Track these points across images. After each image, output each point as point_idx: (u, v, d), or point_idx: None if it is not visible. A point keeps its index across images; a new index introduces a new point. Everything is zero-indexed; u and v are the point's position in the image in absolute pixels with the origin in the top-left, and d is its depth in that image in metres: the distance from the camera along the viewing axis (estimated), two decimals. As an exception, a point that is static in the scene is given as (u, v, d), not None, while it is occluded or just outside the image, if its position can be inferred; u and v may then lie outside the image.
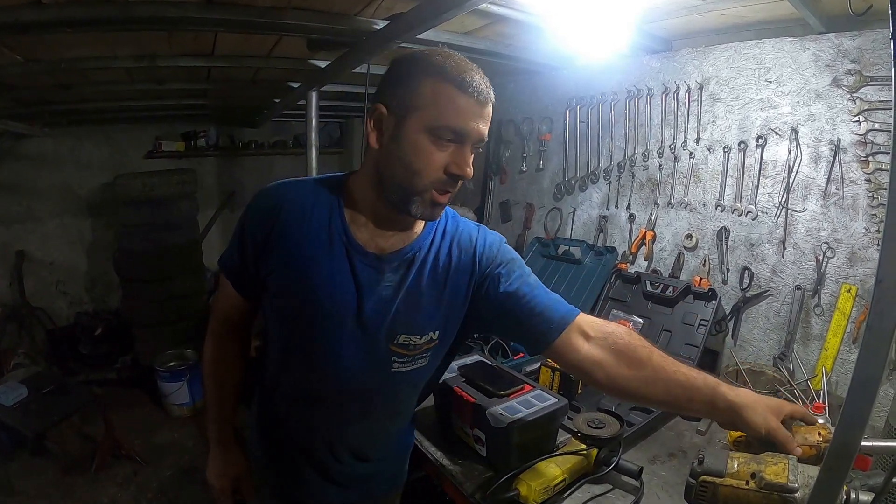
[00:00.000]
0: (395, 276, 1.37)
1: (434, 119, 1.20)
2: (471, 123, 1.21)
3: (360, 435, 1.54)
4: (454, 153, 1.23)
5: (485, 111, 1.23)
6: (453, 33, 2.54)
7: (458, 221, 1.50)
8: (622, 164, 2.95)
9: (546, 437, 1.81)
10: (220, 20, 2.14)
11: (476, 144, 1.26)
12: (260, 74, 3.58)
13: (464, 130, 1.21)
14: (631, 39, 2.57)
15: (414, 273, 1.38)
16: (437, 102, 1.19)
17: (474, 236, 1.47)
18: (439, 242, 1.43)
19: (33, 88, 3.45)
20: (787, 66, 2.27)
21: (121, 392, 5.16)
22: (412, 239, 1.41)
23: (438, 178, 1.24)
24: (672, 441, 2.03)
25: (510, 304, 1.41)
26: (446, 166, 1.23)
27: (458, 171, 1.23)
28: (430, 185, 1.25)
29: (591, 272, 2.95)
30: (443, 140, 1.21)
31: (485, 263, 1.44)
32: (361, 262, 1.35)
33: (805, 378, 2.09)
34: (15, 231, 5.49)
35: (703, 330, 2.37)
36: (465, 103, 1.19)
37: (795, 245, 2.28)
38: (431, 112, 1.20)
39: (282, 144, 6.73)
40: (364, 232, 1.37)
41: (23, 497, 3.75)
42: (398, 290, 1.37)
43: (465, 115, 1.20)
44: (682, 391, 1.32)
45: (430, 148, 1.22)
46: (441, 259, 1.42)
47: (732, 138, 2.47)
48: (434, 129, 1.20)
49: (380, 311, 1.36)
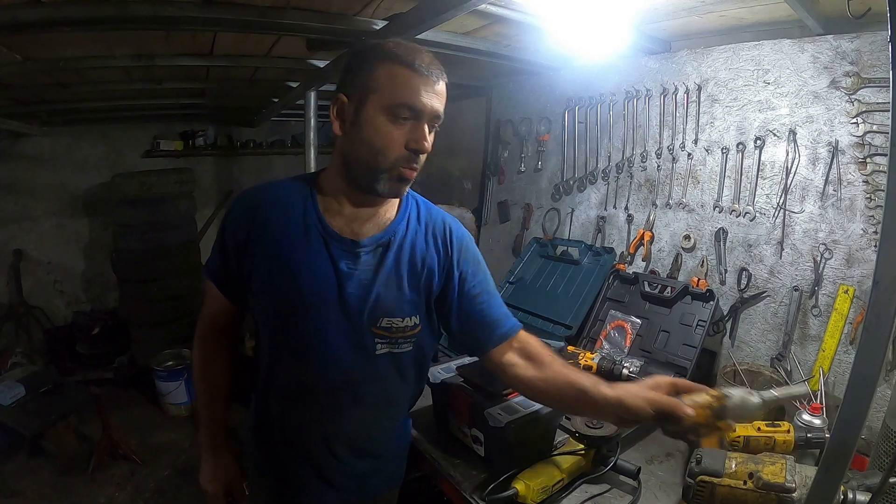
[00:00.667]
0: (372, 259, 1.45)
1: (390, 99, 1.29)
2: (424, 100, 1.29)
3: (355, 427, 1.56)
4: (412, 129, 1.31)
5: (437, 88, 1.32)
6: (452, 33, 2.54)
7: (430, 208, 1.59)
8: (620, 165, 2.96)
9: (544, 437, 1.82)
10: (219, 20, 2.13)
11: (433, 122, 1.35)
12: (258, 74, 3.58)
13: (418, 106, 1.29)
14: (629, 40, 2.57)
15: (391, 256, 1.46)
16: (392, 83, 1.29)
17: (448, 224, 1.57)
18: (415, 227, 1.51)
19: (31, 87, 3.45)
20: (785, 67, 2.28)
21: (118, 392, 5.16)
22: (387, 224, 1.48)
23: (400, 155, 1.32)
24: (669, 441, 2.02)
25: (467, 305, 1.52)
26: (406, 143, 1.32)
27: (416, 145, 1.32)
28: (394, 162, 1.33)
29: (590, 273, 2.95)
30: (400, 118, 1.30)
31: (455, 254, 1.53)
32: (338, 249, 1.42)
33: (802, 379, 2.09)
34: (11, 230, 5.49)
35: (701, 330, 2.36)
36: (417, 81, 1.29)
37: (793, 246, 2.29)
38: (387, 93, 1.29)
39: (280, 144, 6.74)
40: (339, 220, 1.45)
41: (19, 497, 3.74)
42: (377, 273, 1.44)
43: (418, 93, 1.29)
44: (574, 391, 1.37)
45: (388, 127, 1.30)
46: (418, 243, 1.50)
47: (731, 139, 2.47)
48: (390, 107, 1.29)
49: (360, 294, 1.42)
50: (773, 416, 2.01)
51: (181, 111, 5.37)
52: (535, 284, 3.17)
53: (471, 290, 1.51)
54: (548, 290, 3.08)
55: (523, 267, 3.31)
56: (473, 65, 3.26)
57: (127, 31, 2.37)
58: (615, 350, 2.57)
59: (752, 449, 1.67)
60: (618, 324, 2.64)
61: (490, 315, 1.52)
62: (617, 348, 2.58)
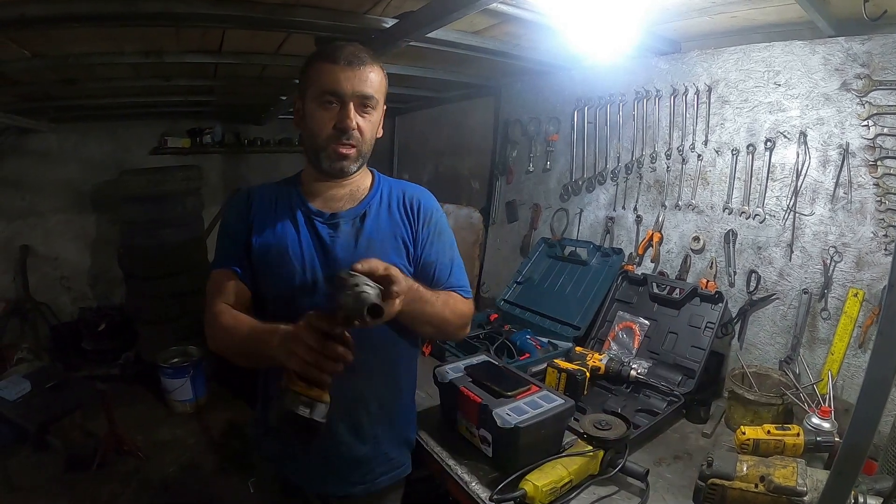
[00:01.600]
0: (352, 228, 1.65)
1: (316, 88, 1.53)
2: (343, 84, 1.50)
3: (351, 399, 1.62)
4: (339, 113, 1.53)
5: (357, 72, 1.51)
6: (462, 32, 2.53)
7: (403, 185, 1.81)
8: (630, 166, 2.96)
9: (552, 439, 1.82)
10: (229, 16, 2.15)
11: (362, 102, 1.54)
12: (267, 71, 3.58)
13: (337, 90, 1.51)
14: (639, 40, 2.57)
15: (370, 224, 1.66)
16: (318, 76, 1.53)
17: (417, 195, 1.77)
18: (387, 201, 1.72)
19: (39, 83, 3.47)
20: (796, 69, 2.28)
21: (123, 388, 5.17)
22: (361, 199, 1.71)
23: (329, 134, 1.55)
24: (677, 443, 2.04)
25: (421, 267, 1.71)
26: (334, 124, 1.53)
27: (339, 124, 1.53)
28: (326, 141, 1.56)
29: (598, 273, 2.95)
30: (326, 103, 1.53)
31: (421, 222, 1.72)
32: (320, 222, 1.64)
33: (811, 382, 2.08)
34: (18, 226, 5.53)
35: (710, 333, 2.36)
36: (336, 70, 1.50)
37: (803, 249, 2.29)
38: (314, 85, 1.54)
39: (287, 142, 6.75)
40: (319, 201, 1.68)
41: (23, 492, 3.77)
42: (357, 238, 1.63)
43: (337, 79, 1.50)
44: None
45: (319, 112, 1.54)
46: (392, 213, 1.71)
47: (741, 141, 2.47)
48: (317, 96, 1.53)
49: (346, 258, 1.57)
50: (781, 419, 2.02)
51: (189, 108, 5.40)
52: (544, 285, 3.17)
53: (427, 255, 1.71)
54: (556, 291, 3.08)
55: (531, 267, 3.31)
56: (482, 64, 3.27)
57: (136, 28, 2.37)
58: (623, 351, 2.58)
59: (763, 452, 1.67)
60: (626, 325, 2.64)
61: (435, 280, 1.70)
62: (625, 349, 2.58)
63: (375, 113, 1.60)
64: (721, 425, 2.17)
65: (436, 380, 2.06)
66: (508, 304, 3.24)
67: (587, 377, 2.22)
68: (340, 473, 1.68)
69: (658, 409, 2.20)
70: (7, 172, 5.38)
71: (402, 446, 1.83)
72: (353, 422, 1.65)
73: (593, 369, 2.30)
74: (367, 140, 1.61)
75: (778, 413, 2.03)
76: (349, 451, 1.66)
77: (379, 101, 1.59)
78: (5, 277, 5.54)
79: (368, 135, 1.60)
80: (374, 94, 1.55)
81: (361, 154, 1.61)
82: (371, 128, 1.60)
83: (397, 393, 1.78)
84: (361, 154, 1.61)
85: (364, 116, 1.56)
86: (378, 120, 1.63)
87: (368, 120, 1.58)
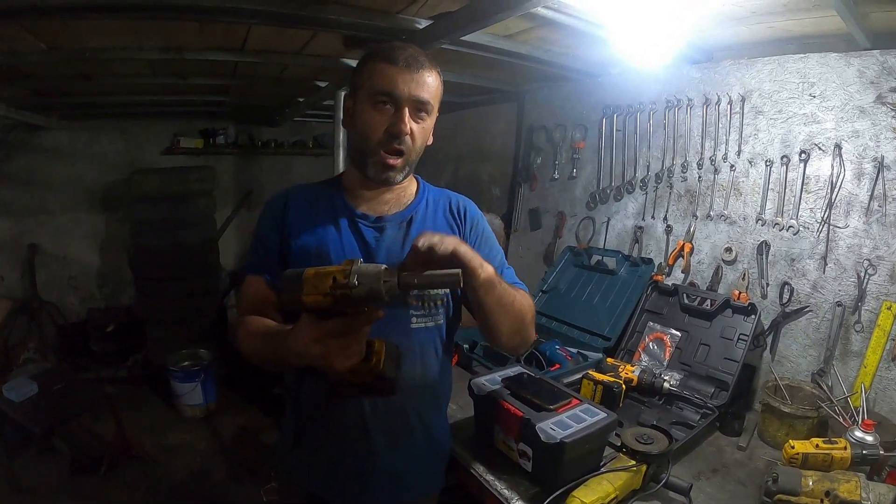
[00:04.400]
0: (398, 233, 1.63)
1: (371, 89, 1.49)
2: (400, 87, 1.46)
3: (392, 411, 1.62)
4: (393, 116, 1.49)
5: (415, 76, 1.48)
6: (494, 35, 2.55)
7: (447, 192, 1.80)
8: (660, 175, 2.99)
9: (595, 453, 1.82)
10: (257, 11, 2.15)
11: (416, 107, 1.51)
12: (287, 72, 3.60)
13: (394, 92, 1.47)
14: (673, 49, 2.60)
15: (416, 229, 1.63)
16: (373, 76, 1.49)
17: (463, 203, 1.77)
18: (434, 206, 1.72)
19: (52, 78, 3.47)
20: (831, 81, 2.32)
21: (131, 391, 5.21)
22: (408, 204, 1.69)
23: (380, 139, 1.51)
24: (713, 456, 2.06)
25: None
26: (386, 128, 1.50)
27: (393, 129, 1.49)
28: (376, 146, 1.52)
29: (627, 283, 2.96)
30: (380, 105, 1.49)
31: (468, 229, 1.72)
32: (364, 225, 1.62)
33: (844, 395, 2.12)
34: (27, 224, 5.55)
35: (743, 345, 2.39)
36: (393, 71, 1.46)
37: (836, 261, 2.32)
38: (369, 85, 1.50)
39: (301, 144, 6.81)
40: (363, 204, 1.65)
41: (29, 495, 3.79)
42: (403, 244, 1.60)
43: (394, 80, 1.46)
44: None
45: (371, 114, 1.50)
46: (438, 219, 1.69)
47: (775, 152, 2.50)
48: (372, 96, 1.49)
49: (390, 262, 1.47)
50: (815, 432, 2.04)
51: (203, 108, 5.42)
52: (570, 294, 3.18)
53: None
54: (583, 301, 3.09)
55: (557, 276, 3.32)
56: (507, 68, 3.28)
57: (158, 21, 2.36)
58: (654, 363, 2.60)
59: (811, 466, 1.70)
60: (656, 336, 2.67)
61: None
62: (656, 361, 2.61)
63: (429, 119, 1.57)
64: (755, 438, 2.19)
65: (471, 392, 2.03)
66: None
67: (623, 389, 2.24)
68: (372, 488, 1.66)
69: (692, 421, 2.22)
70: (16, 169, 5.41)
71: (438, 460, 1.83)
72: (391, 433, 1.63)
73: (626, 381, 2.32)
74: (418, 148, 1.57)
75: (812, 426, 2.06)
76: (384, 464, 1.64)
77: (433, 108, 1.56)
78: (13, 276, 5.56)
79: (419, 142, 1.57)
80: (430, 99, 1.52)
81: (409, 163, 1.58)
82: (423, 134, 1.57)
83: (436, 404, 1.78)
84: (409, 163, 1.58)
85: (418, 122, 1.53)
86: (430, 127, 1.60)
87: (421, 126, 1.55)
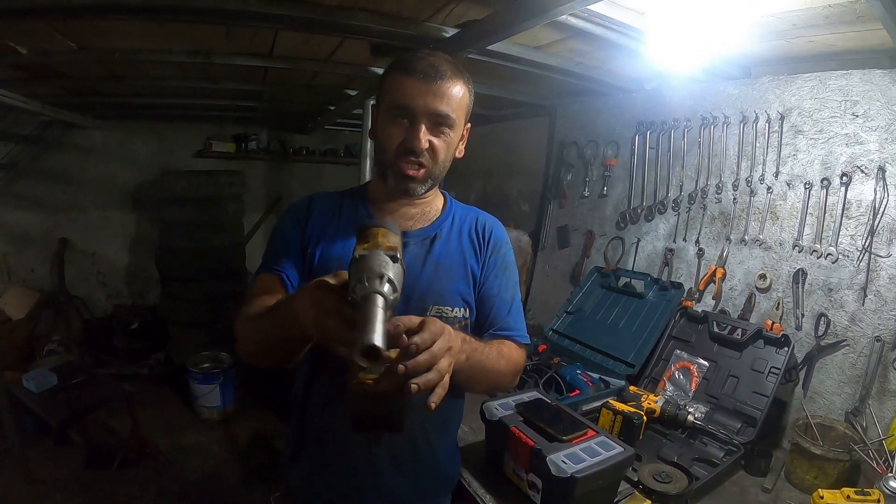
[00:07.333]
0: (421, 250, 1.60)
1: (389, 102, 1.49)
2: (416, 100, 1.44)
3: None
4: (408, 130, 1.47)
5: (433, 87, 1.45)
6: (524, 46, 2.54)
7: (476, 210, 1.77)
8: (693, 195, 2.92)
9: (608, 489, 1.77)
10: (283, 16, 2.17)
11: (434, 120, 1.48)
12: (317, 79, 3.66)
13: (409, 106, 1.45)
14: (709, 64, 2.55)
15: (439, 247, 1.62)
16: (391, 88, 1.49)
17: (489, 224, 1.74)
18: (459, 224, 1.69)
19: (85, 78, 3.60)
20: (875, 99, 2.24)
21: (151, 389, 5.36)
22: (433, 220, 1.67)
23: (396, 152, 1.49)
24: (736, 497, 2.00)
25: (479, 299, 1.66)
26: (401, 142, 1.48)
27: (406, 144, 1.47)
28: (393, 158, 1.51)
29: (654, 308, 2.90)
30: (397, 118, 1.48)
31: (490, 252, 1.69)
32: None
33: (879, 437, 2.01)
34: (59, 219, 5.81)
35: (774, 378, 2.31)
36: (409, 82, 1.45)
37: (877, 293, 2.23)
38: (387, 97, 1.50)
39: (332, 153, 6.94)
40: (387, 217, 1.61)
41: (41, 486, 3.89)
42: (425, 262, 1.59)
43: (409, 93, 1.45)
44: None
45: (389, 127, 1.50)
46: (463, 238, 1.67)
47: (814, 174, 2.42)
48: (389, 109, 1.49)
49: (409, 282, 1.37)
50: (846, 476, 1.94)
51: (235, 113, 5.61)
52: (596, 316, 3.14)
53: (489, 287, 1.66)
54: (609, 324, 3.04)
55: (583, 297, 3.29)
56: (539, 81, 3.28)
57: (185, 24, 2.40)
58: (679, 393, 2.53)
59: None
60: (683, 365, 2.60)
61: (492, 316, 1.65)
62: (681, 391, 2.54)
63: (452, 133, 1.52)
64: (781, 479, 2.11)
65: (483, 416, 2.00)
66: (557, 335, 3.21)
67: (644, 421, 2.16)
68: None
69: (716, 458, 2.15)
70: (51, 165, 5.66)
71: (444, 485, 1.80)
72: (397, 455, 1.60)
73: (648, 411, 2.26)
74: (441, 162, 1.54)
75: (844, 469, 1.98)
76: (387, 487, 1.60)
77: (457, 121, 1.51)
78: (42, 269, 5.81)
79: (442, 156, 1.53)
80: (450, 112, 1.47)
81: (432, 176, 1.55)
82: (446, 148, 1.53)
83: (445, 428, 1.74)
84: (432, 176, 1.55)
85: (438, 136, 1.49)
86: (456, 140, 1.56)
87: (443, 140, 1.51)
